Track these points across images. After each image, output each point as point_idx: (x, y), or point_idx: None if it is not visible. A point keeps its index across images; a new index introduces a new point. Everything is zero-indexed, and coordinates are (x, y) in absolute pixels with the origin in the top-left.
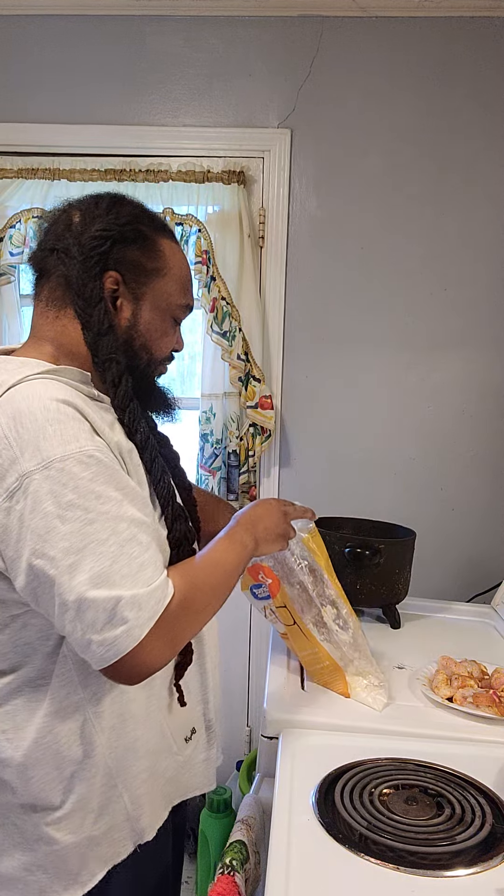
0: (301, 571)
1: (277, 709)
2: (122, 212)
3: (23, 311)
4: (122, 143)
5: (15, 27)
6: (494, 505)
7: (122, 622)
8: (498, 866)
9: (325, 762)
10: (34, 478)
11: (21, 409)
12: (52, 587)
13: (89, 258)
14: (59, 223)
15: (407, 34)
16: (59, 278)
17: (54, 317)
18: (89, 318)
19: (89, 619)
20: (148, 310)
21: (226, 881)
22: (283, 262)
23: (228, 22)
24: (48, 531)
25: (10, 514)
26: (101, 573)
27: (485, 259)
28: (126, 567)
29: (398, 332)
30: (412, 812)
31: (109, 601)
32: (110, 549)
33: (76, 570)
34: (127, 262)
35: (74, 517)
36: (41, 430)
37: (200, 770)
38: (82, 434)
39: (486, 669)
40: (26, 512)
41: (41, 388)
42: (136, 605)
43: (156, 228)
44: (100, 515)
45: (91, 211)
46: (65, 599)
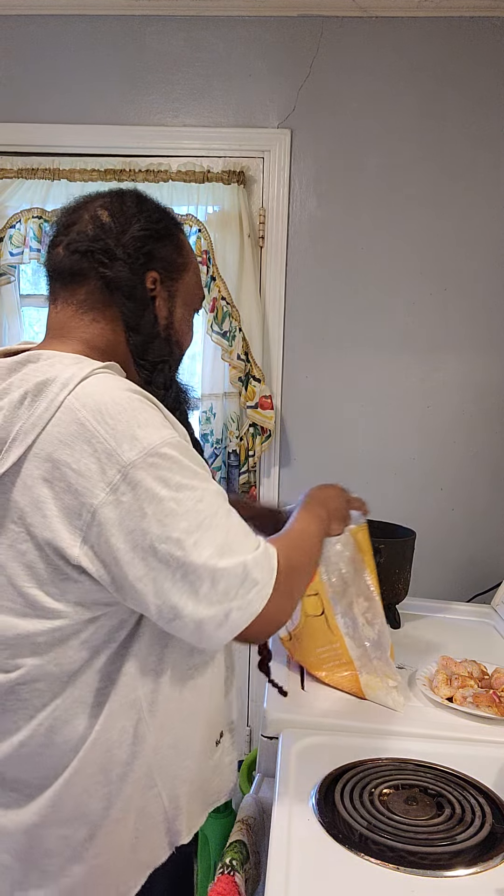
0: (341, 559)
1: (277, 709)
2: (151, 208)
3: (23, 311)
4: (122, 143)
5: (15, 27)
6: (494, 505)
7: (253, 584)
8: (498, 866)
9: (325, 762)
10: (139, 467)
11: (105, 402)
12: (180, 569)
13: (136, 259)
14: (84, 223)
15: (407, 34)
16: (98, 280)
17: (91, 319)
18: (139, 321)
19: (223, 588)
20: (180, 305)
21: (226, 881)
22: (283, 262)
23: (228, 22)
24: (166, 515)
25: (119, 508)
26: (222, 544)
27: (485, 259)
28: (237, 535)
29: (398, 332)
30: (412, 812)
31: (238, 567)
32: (221, 521)
33: (201, 546)
34: (164, 259)
35: (186, 497)
36: (133, 420)
37: (227, 774)
38: (164, 420)
39: (486, 669)
40: (139, 502)
41: (113, 381)
42: (258, 566)
43: (176, 224)
44: (205, 492)
45: (121, 209)
46: (199, 576)
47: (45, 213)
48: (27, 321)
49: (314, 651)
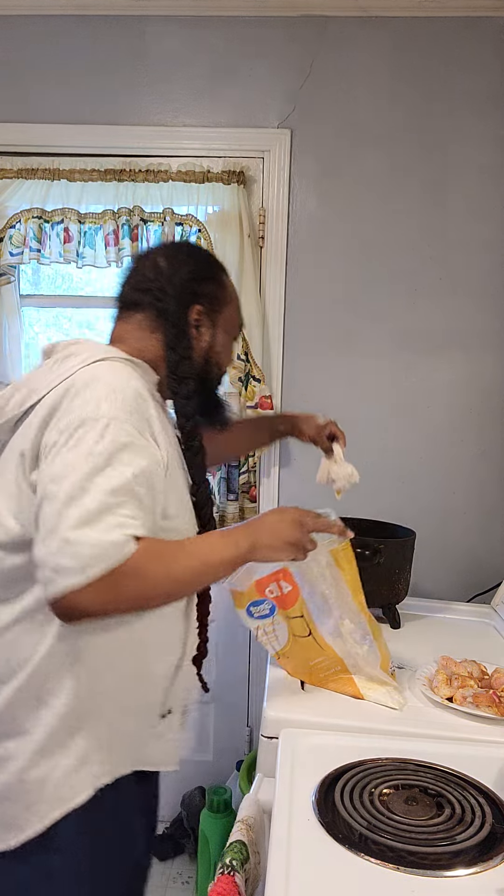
0: (324, 582)
1: (277, 709)
2: (200, 257)
3: (23, 311)
4: (122, 143)
5: (15, 27)
6: (494, 505)
7: (75, 559)
8: (498, 866)
9: (325, 762)
10: (85, 423)
11: (97, 377)
12: (49, 506)
13: (181, 296)
14: (145, 268)
15: (407, 34)
16: (153, 310)
17: (142, 336)
18: (178, 344)
19: (56, 549)
20: (221, 332)
21: (226, 881)
22: (283, 262)
23: (228, 22)
24: (72, 467)
25: (55, 446)
26: (90, 512)
27: (485, 258)
28: (108, 513)
29: (398, 331)
30: (412, 812)
31: (83, 541)
32: (104, 497)
33: (73, 504)
34: (208, 296)
35: (96, 463)
36: (108, 396)
37: (167, 748)
38: (133, 413)
39: (486, 669)
40: (65, 445)
41: (122, 371)
42: (97, 552)
43: (219, 267)
44: (114, 469)
45: (175, 257)
46: (54, 529)
47: (45, 213)
48: (27, 321)
49: (308, 665)
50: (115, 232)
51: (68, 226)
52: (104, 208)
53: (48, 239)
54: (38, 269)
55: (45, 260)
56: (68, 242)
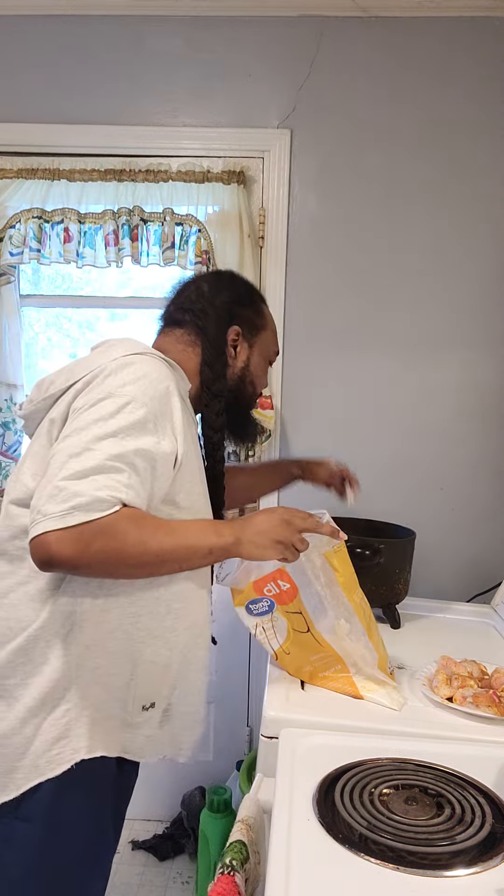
0: (318, 583)
1: (277, 709)
2: (239, 283)
3: (23, 311)
4: (122, 143)
5: (15, 27)
6: (494, 505)
7: (61, 504)
8: (498, 866)
9: (325, 762)
10: (109, 396)
11: (131, 364)
12: (54, 459)
13: (221, 318)
14: (189, 291)
15: (407, 34)
16: (193, 327)
17: (182, 349)
18: (215, 361)
19: (48, 495)
20: (256, 354)
21: (226, 881)
22: (283, 262)
23: (228, 22)
24: (82, 429)
25: (79, 400)
26: (86, 470)
27: (485, 259)
28: (105, 477)
29: (398, 332)
30: (412, 812)
31: (70, 492)
32: (103, 460)
33: (74, 458)
34: (244, 318)
35: (103, 429)
36: (137, 381)
37: (140, 742)
38: (161, 405)
39: (486, 669)
40: (86, 408)
41: (158, 365)
42: (82, 503)
43: (259, 296)
44: (123, 438)
45: (217, 283)
46: (52, 477)
47: (45, 213)
48: (27, 321)
49: (309, 660)
50: (115, 232)
51: (68, 226)
52: (104, 208)
53: (48, 239)
54: (38, 269)
55: (45, 260)
56: (68, 242)
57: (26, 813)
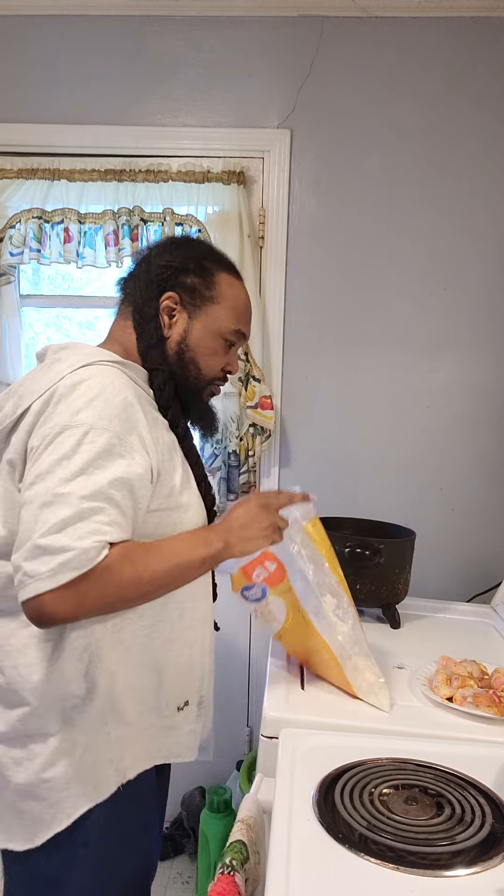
0: (301, 559)
1: (277, 709)
2: (190, 248)
3: (22, 311)
4: (122, 143)
5: (15, 27)
6: (494, 505)
7: (45, 565)
8: (498, 866)
9: (325, 762)
10: (65, 430)
11: (83, 382)
12: (26, 511)
13: (151, 282)
14: (142, 258)
15: (407, 34)
16: (129, 297)
17: (123, 326)
18: (143, 331)
19: (28, 552)
20: (199, 328)
21: (226, 881)
22: (283, 262)
23: (228, 22)
24: (48, 471)
25: (36, 451)
26: (63, 521)
27: (485, 259)
28: (81, 521)
29: (398, 332)
30: (412, 812)
31: (53, 547)
32: (78, 503)
33: (46, 509)
34: (185, 286)
35: (71, 470)
36: (91, 402)
37: (184, 739)
38: (123, 419)
39: (485, 669)
40: (44, 450)
41: (109, 376)
42: (69, 559)
43: (218, 264)
44: (88, 477)
45: (164, 247)
46: (26, 531)
47: (45, 213)
48: (27, 321)
49: (304, 644)
50: (115, 232)
51: (68, 226)
52: (104, 208)
53: (48, 239)
54: (38, 269)
55: (45, 260)
56: (68, 242)
57: (83, 838)
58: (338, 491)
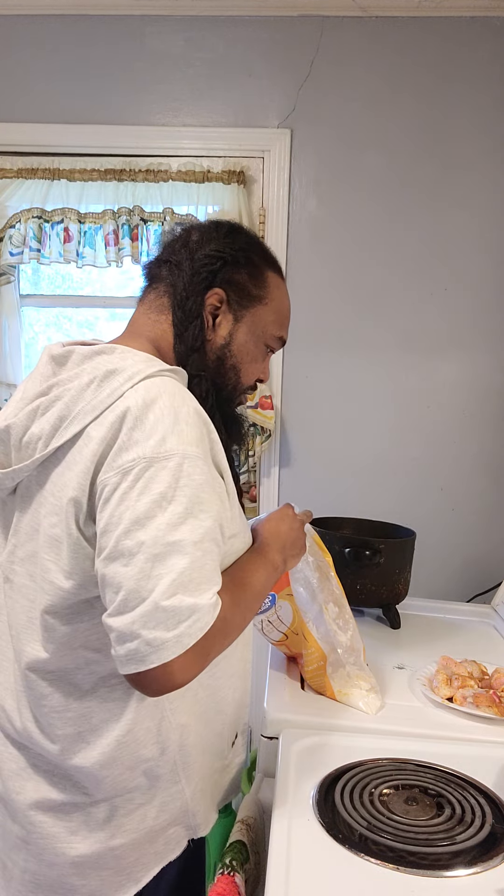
0: (308, 567)
1: (277, 709)
2: (238, 238)
3: (22, 311)
4: (122, 143)
5: (15, 27)
6: (494, 505)
7: (175, 626)
8: (498, 866)
9: (325, 762)
10: (151, 463)
11: (156, 400)
12: (127, 567)
13: (198, 273)
14: (177, 239)
15: (407, 34)
16: (167, 287)
17: (154, 320)
18: (184, 331)
19: (147, 614)
20: (244, 332)
21: (226, 881)
22: (284, 262)
23: (228, 22)
24: (147, 517)
25: (117, 490)
26: (181, 574)
27: (485, 258)
28: (201, 573)
29: (398, 332)
30: (412, 812)
31: (179, 607)
32: (192, 551)
33: (159, 564)
34: (233, 283)
35: (175, 513)
36: (172, 425)
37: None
38: (201, 440)
39: (486, 669)
40: (133, 491)
41: (173, 387)
42: (196, 617)
43: (266, 261)
44: (195, 520)
45: (209, 233)
46: (140, 594)
47: (45, 213)
48: (27, 321)
49: (302, 654)
50: (115, 232)
51: (68, 225)
52: (104, 208)
53: (48, 239)
54: (38, 269)
55: (45, 260)
56: (68, 242)
57: (155, 894)
58: (338, 491)
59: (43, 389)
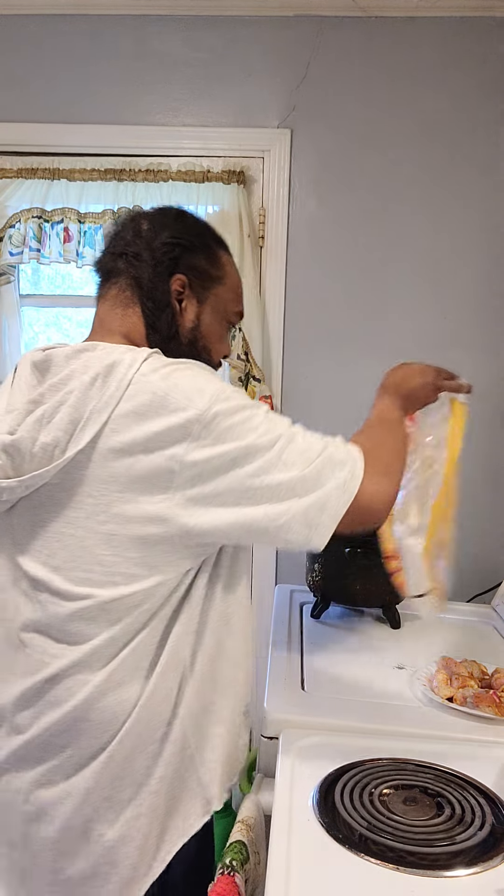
0: (424, 445)
1: (277, 709)
2: (189, 222)
3: (22, 310)
4: (122, 143)
5: (15, 27)
6: (494, 505)
7: (341, 466)
8: (498, 866)
9: (325, 762)
10: (211, 411)
11: (167, 371)
12: (270, 473)
13: (160, 262)
14: (126, 230)
15: (406, 34)
16: (129, 279)
17: (122, 314)
18: (157, 321)
19: (314, 475)
20: (209, 312)
21: (226, 881)
22: (283, 262)
23: (228, 22)
24: (243, 436)
25: (204, 449)
26: (303, 442)
27: (485, 258)
28: (309, 435)
29: (398, 332)
30: (412, 812)
31: (322, 454)
32: (292, 429)
33: (286, 450)
34: (193, 267)
35: (254, 416)
36: (194, 379)
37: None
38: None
39: (486, 669)
40: (220, 437)
41: (166, 359)
42: (339, 450)
43: (217, 241)
44: (266, 412)
45: (160, 220)
46: (289, 473)
47: (45, 213)
48: (27, 321)
49: None
50: None
51: (68, 225)
52: (104, 208)
53: (48, 238)
54: (37, 269)
55: (45, 260)
56: (68, 242)
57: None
58: None
59: (35, 397)
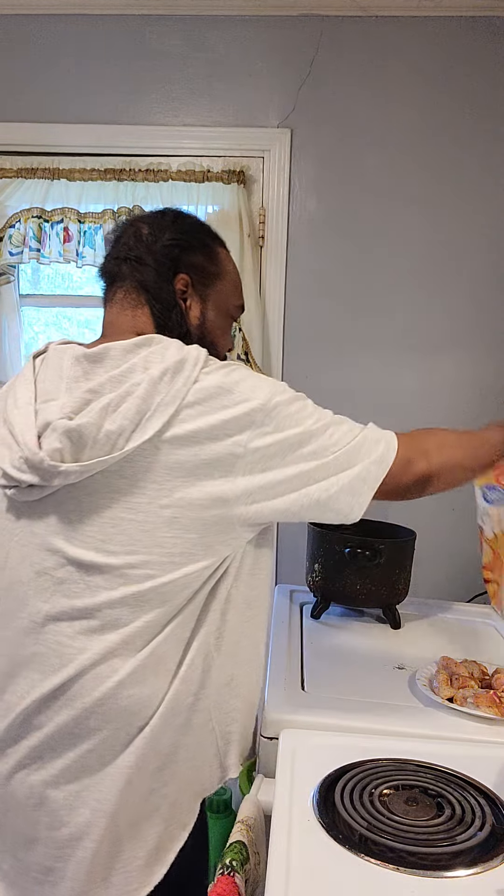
0: None
1: (277, 709)
2: (186, 223)
3: (22, 310)
4: (122, 143)
5: (15, 27)
6: None
7: (377, 442)
8: (498, 867)
9: (325, 762)
10: (271, 403)
11: (227, 370)
12: (322, 454)
13: (162, 264)
14: (127, 236)
15: (407, 34)
16: (134, 283)
17: (132, 315)
18: (168, 321)
19: (353, 451)
20: (212, 309)
21: (226, 881)
22: (283, 262)
23: (228, 22)
24: (300, 422)
25: (265, 436)
26: (350, 425)
27: (485, 258)
28: (353, 422)
29: (398, 332)
30: (412, 812)
31: (362, 434)
32: (339, 416)
33: (335, 432)
34: (194, 266)
35: (307, 405)
36: (252, 377)
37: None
38: None
39: (486, 670)
40: (279, 425)
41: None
42: (376, 431)
43: (214, 238)
44: (315, 406)
45: (159, 222)
46: (337, 452)
47: (44, 213)
48: (27, 321)
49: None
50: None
51: (68, 225)
52: (104, 208)
53: (48, 238)
54: (37, 269)
55: (45, 259)
56: (68, 242)
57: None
58: None
59: (93, 387)
